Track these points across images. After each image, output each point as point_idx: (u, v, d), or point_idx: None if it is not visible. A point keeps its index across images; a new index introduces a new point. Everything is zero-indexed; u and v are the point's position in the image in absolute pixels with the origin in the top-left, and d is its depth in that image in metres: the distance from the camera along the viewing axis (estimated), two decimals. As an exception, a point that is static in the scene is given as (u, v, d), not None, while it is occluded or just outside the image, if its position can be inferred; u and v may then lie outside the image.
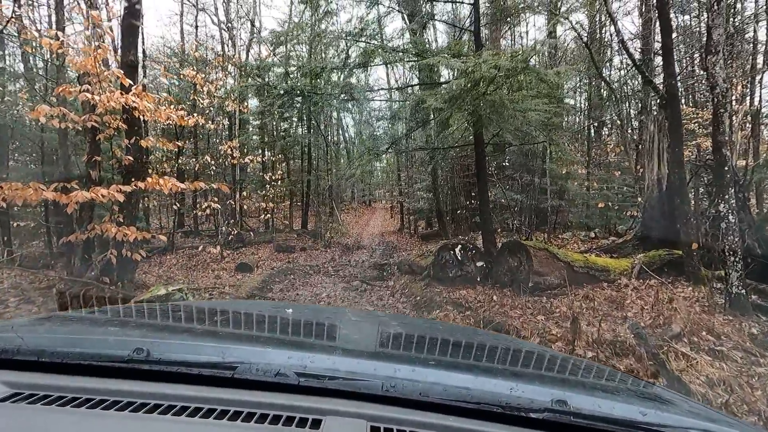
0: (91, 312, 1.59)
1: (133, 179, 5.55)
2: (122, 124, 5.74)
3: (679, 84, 7.23)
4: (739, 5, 11.77)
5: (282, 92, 6.29)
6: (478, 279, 6.89)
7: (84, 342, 1.07)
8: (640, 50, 12.97)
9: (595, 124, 13.20)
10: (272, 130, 17.99)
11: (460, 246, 7.07)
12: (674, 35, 12.11)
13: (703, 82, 12.21)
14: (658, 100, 6.85)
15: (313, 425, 0.77)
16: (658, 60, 12.03)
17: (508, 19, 6.58)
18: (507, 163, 13.32)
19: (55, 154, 8.88)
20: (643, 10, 12.20)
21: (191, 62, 14.17)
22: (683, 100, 13.03)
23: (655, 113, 9.49)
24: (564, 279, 6.39)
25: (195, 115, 9.22)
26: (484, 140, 7.25)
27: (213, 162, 11.47)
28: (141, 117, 5.73)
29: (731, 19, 11.27)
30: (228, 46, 17.82)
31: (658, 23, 11.72)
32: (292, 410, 0.81)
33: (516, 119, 5.26)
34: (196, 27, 18.49)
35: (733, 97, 10.52)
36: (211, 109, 11.43)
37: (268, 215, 15.76)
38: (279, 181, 15.80)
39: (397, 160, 22.20)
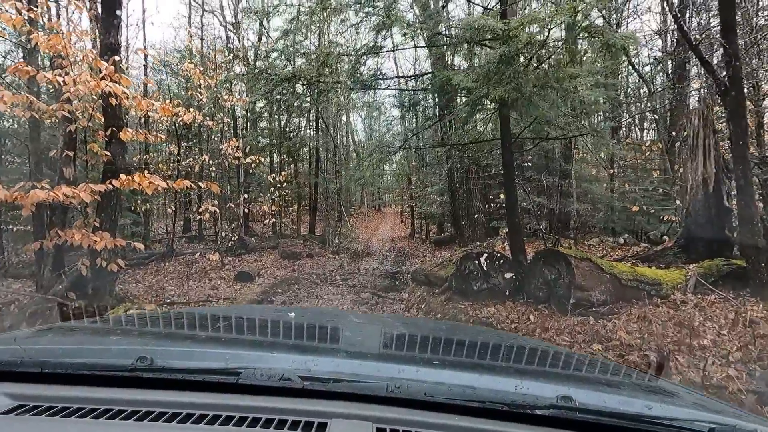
0: (93, 321, 1.57)
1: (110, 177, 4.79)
2: (98, 115, 4.98)
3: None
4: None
5: (283, 78, 5.49)
6: (507, 293, 5.97)
7: (87, 352, 1.06)
8: (675, 42, 11.98)
9: (629, 120, 12.18)
10: (278, 131, 17.27)
11: (485, 255, 6.16)
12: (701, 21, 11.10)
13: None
14: (715, 86, 5.94)
15: (319, 428, 0.75)
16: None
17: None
18: (528, 164, 12.36)
19: (52, 154, 8.20)
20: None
21: (193, 58, 13.54)
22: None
23: (701, 105, 8.52)
24: (610, 294, 5.46)
25: (192, 110, 8.50)
26: (512, 134, 6.35)
27: (212, 162, 10.69)
28: (120, 105, 4.96)
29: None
30: (234, 46, 17.21)
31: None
32: (297, 414, 0.79)
33: (565, 101, 4.32)
34: (202, 26, 17.97)
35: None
36: (206, 100, 10.67)
37: (274, 219, 15.02)
38: (285, 184, 15.08)
39: (407, 162, 21.38)
